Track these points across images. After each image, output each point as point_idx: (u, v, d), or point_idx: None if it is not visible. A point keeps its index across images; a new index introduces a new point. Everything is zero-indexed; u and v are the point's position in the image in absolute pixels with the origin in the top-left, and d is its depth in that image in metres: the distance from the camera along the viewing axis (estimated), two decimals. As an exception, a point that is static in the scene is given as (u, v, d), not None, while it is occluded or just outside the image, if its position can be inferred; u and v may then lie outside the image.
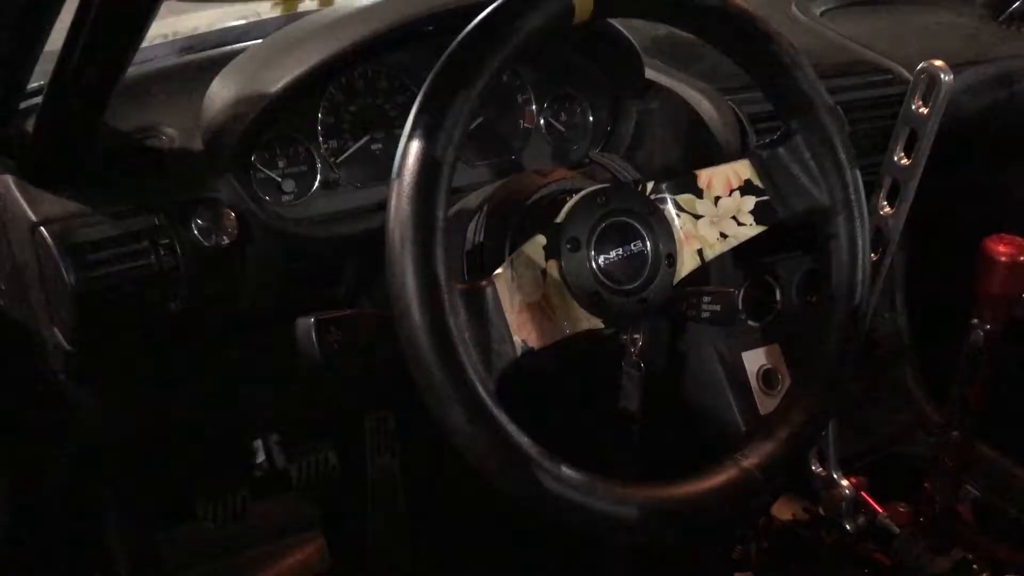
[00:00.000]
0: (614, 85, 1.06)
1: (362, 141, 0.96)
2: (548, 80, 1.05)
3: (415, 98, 0.96)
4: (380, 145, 0.97)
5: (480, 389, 0.62)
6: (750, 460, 0.74)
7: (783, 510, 1.12)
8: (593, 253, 0.73)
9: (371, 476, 1.43)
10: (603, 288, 0.74)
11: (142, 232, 0.80)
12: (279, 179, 0.92)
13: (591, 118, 1.07)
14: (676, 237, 0.77)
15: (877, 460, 1.13)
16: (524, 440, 0.64)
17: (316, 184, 0.94)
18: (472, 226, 0.82)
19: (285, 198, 0.92)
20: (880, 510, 1.02)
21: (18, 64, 0.75)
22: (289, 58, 0.84)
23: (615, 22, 0.98)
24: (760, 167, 0.79)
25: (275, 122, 0.88)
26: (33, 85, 0.83)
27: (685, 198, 0.78)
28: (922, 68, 0.88)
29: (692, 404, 1.08)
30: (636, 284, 0.75)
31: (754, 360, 1.11)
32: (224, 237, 0.83)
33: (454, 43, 0.66)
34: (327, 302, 0.88)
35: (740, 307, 1.09)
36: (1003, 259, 0.92)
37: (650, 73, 1.05)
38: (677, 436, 1.04)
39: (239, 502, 1.31)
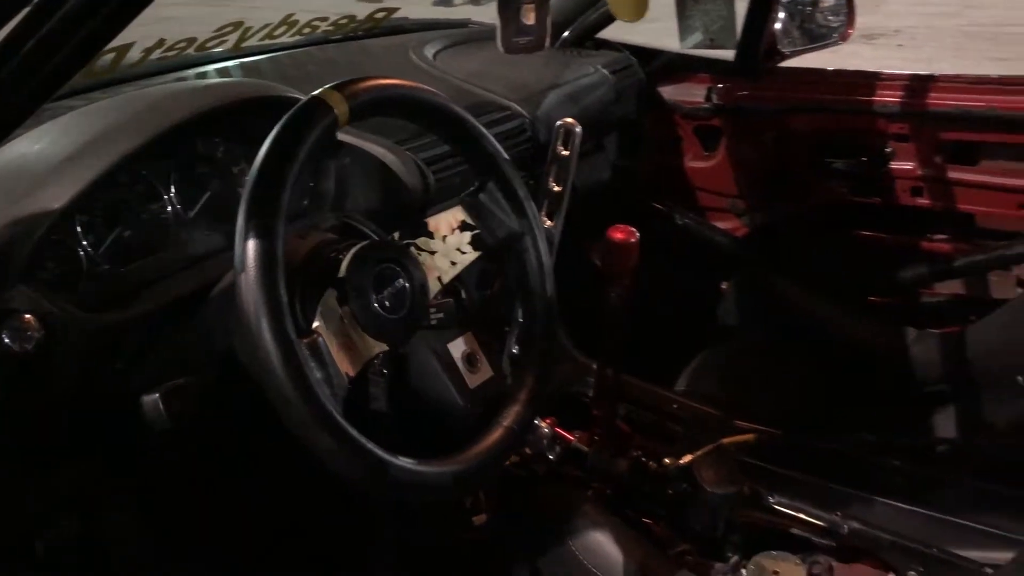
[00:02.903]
0: (311, 148, 1.27)
1: (116, 231, 1.07)
2: (256, 152, 1.23)
3: (151, 186, 1.10)
4: (131, 231, 1.09)
5: (338, 419, 0.83)
6: (508, 420, 1.03)
7: (500, 457, 1.43)
8: (372, 295, 0.96)
9: (111, 535, 1.49)
10: (383, 319, 0.97)
11: None
12: (51, 278, 1.00)
13: None
14: (422, 270, 1.02)
15: (559, 401, 1.49)
16: (374, 447, 0.86)
17: (83, 277, 1.03)
18: None
19: (60, 294, 1.00)
20: (571, 438, 1.37)
21: None
22: (65, 176, 0.95)
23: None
24: (470, 210, 1.07)
25: None
26: None
27: (422, 240, 1.04)
28: (560, 124, 1.22)
29: (422, 392, 1.34)
30: (404, 312, 0.99)
31: (457, 348, 1.40)
32: (29, 343, 0.92)
33: (259, 159, 0.85)
34: (131, 380, 1.00)
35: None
36: (619, 243, 1.29)
37: (339, 135, 1.27)
38: (419, 418, 1.29)
39: None
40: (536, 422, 1.38)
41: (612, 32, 2.04)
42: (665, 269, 2.10)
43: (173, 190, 1.13)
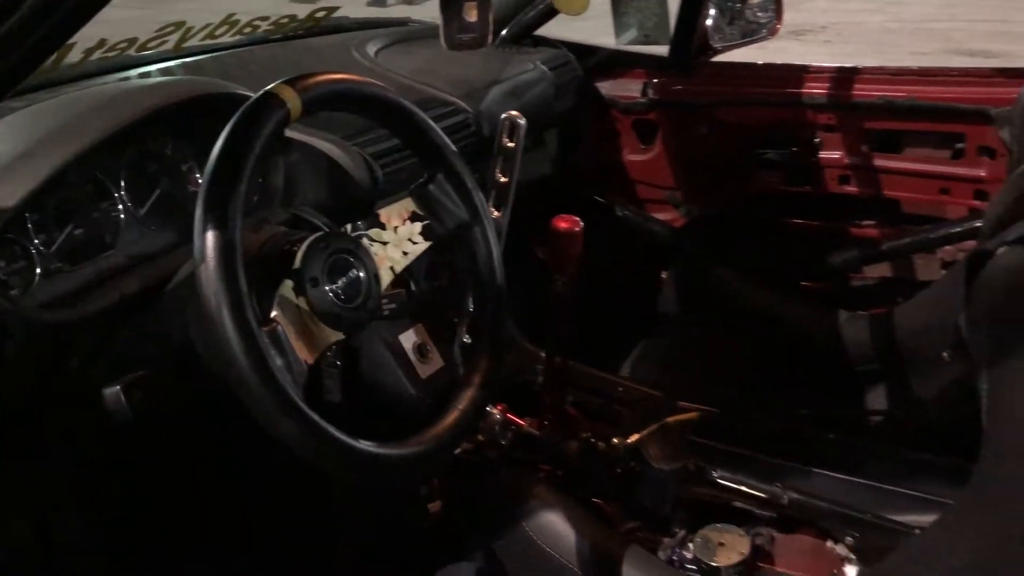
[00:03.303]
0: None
1: (68, 230, 1.07)
2: (205, 150, 1.24)
3: (101, 184, 1.11)
4: (82, 230, 1.09)
5: (300, 404, 0.86)
6: (463, 404, 1.06)
7: (453, 445, 1.46)
8: (327, 285, 0.98)
9: (66, 539, 1.48)
10: (339, 309, 0.99)
11: None
12: (4, 277, 1.00)
13: None
14: (375, 261, 1.05)
15: (510, 389, 1.52)
16: (337, 432, 0.88)
17: (38, 275, 1.04)
18: None
19: (13, 293, 1.01)
20: (523, 423, 1.40)
21: None
22: (15, 175, 0.95)
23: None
24: (420, 201, 1.10)
25: None
26: None
27: (374, 232, 1.06)
28: (506, 116, 1.25)
29: (375, 384, 1.37)
30: (359, 301, 1.02)
31: (408, 339, 1.42)
32: None
33: (215, 152, 0.87)
34: (88, 378, 1.01)
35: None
36: (564, 232, 1.34)
37: (288, 132, 1.29)
38: (373, 409, 1.31)
39: None
40: (488, 409, 1.42)
41: (549, 29, 2.09)
42: (606, 260, 2.15)
43: (123, 188, 1.14)
